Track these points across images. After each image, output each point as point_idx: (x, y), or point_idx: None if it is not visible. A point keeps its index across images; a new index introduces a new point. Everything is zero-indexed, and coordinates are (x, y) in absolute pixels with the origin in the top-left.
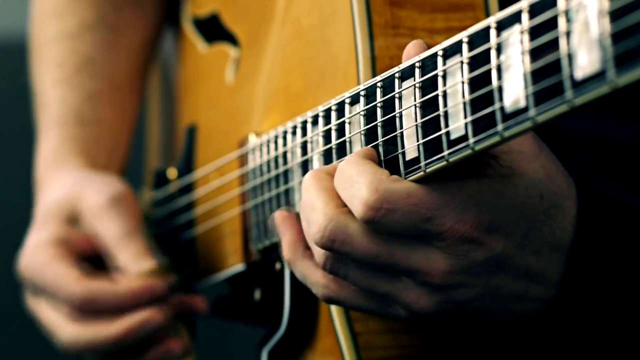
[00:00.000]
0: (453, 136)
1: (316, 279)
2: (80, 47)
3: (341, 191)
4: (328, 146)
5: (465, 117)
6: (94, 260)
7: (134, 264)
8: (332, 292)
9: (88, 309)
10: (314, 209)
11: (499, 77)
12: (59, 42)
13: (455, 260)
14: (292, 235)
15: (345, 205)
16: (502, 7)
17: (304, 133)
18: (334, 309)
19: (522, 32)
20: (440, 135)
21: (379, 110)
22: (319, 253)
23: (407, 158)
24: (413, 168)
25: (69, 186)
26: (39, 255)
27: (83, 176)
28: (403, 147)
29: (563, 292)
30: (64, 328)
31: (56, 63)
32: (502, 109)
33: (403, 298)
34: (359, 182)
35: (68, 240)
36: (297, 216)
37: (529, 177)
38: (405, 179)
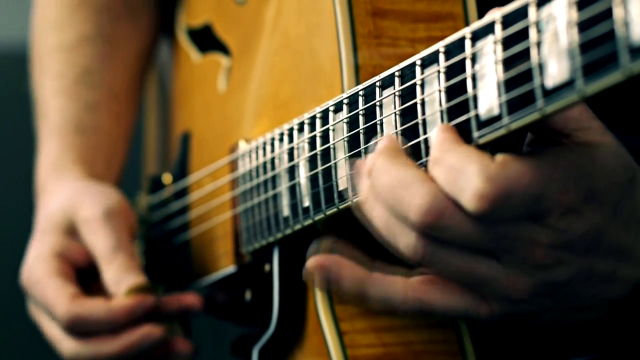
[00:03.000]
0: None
1: (409, 251)
2: (78, 59)
3: (444, 184)
4: (313, 152)
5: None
6: (94, 271)
7: (117, 280)
8: (423, 301)
9: (80, 329)
10: (408, 186)
11: (474, 86)
12: (58, 53)
13: (558, 235)
14: (349, 268)
15: None
16: (481, 17)
17: (291, 140)
18: (321, 309)
19: (495, 43)
20: (418, 142)
21: (361, 118)
22: (411, 240)
23: None
24: None
25: (67, 197)
26: (37, 268)
27: (82, 186)
28: None
29: None
30: (65, 343)
31: (55, 74)
32: (477, 116)
33: (500, 282)
34: (467, 171)
35: (66, 253)
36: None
37: (609, 147)
38: None
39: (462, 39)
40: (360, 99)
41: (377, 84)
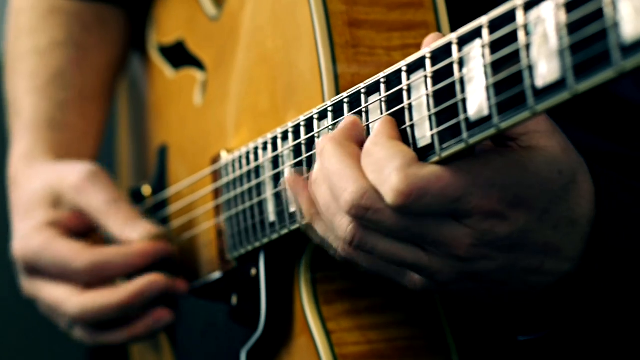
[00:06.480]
0: (420, 145)
1: (342, 232)
2: (50, 61)
3: (370, 174)
4: (298, 159)
5: (431, 128)
6: (82, 236)
7: (127, 228)
8: (351, 254)
9: (99, 276)
10: (343, 176)
11: (462, 90)
12: (32, 56)
13: (481, 235)
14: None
15: None
16: (452, 25)
17: (275, 148)
18: (308, 309)
19: (483, 47)
20: (408, 145)
21: None
22: (345, 227)
23: None
24: None
25: (46, 175)
26: (35, 239)
27: (58, 164)
28: None
29: (583, 267)
30: (71, 301)
31: (29, 74)
32: (466, 118)
33: (424, 267)
34: (389, 167)
35: (57, 221)
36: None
37: (549, 154)
38: None
39: (449, 45)
40: (345, 106)
41: (362, 90)
